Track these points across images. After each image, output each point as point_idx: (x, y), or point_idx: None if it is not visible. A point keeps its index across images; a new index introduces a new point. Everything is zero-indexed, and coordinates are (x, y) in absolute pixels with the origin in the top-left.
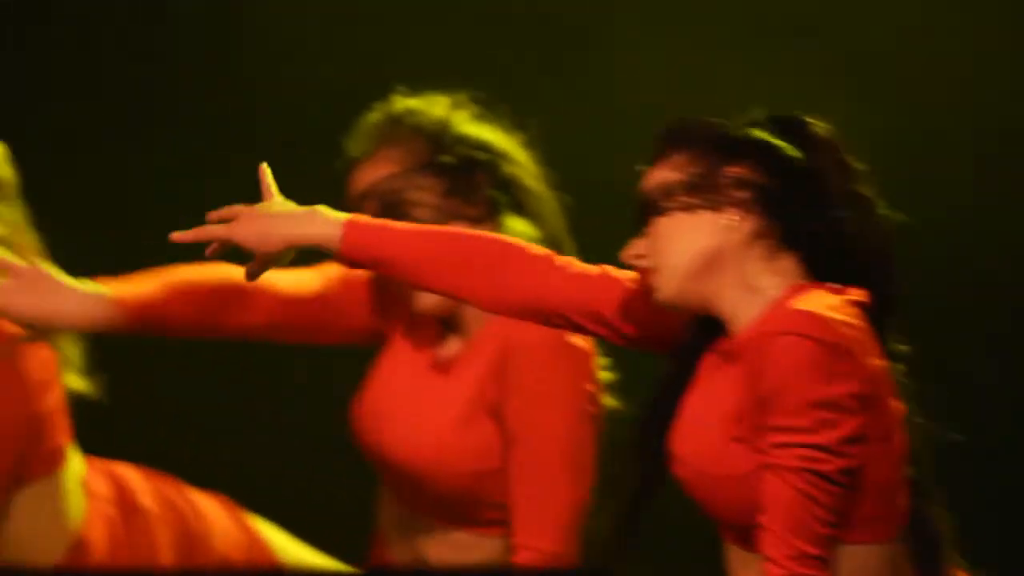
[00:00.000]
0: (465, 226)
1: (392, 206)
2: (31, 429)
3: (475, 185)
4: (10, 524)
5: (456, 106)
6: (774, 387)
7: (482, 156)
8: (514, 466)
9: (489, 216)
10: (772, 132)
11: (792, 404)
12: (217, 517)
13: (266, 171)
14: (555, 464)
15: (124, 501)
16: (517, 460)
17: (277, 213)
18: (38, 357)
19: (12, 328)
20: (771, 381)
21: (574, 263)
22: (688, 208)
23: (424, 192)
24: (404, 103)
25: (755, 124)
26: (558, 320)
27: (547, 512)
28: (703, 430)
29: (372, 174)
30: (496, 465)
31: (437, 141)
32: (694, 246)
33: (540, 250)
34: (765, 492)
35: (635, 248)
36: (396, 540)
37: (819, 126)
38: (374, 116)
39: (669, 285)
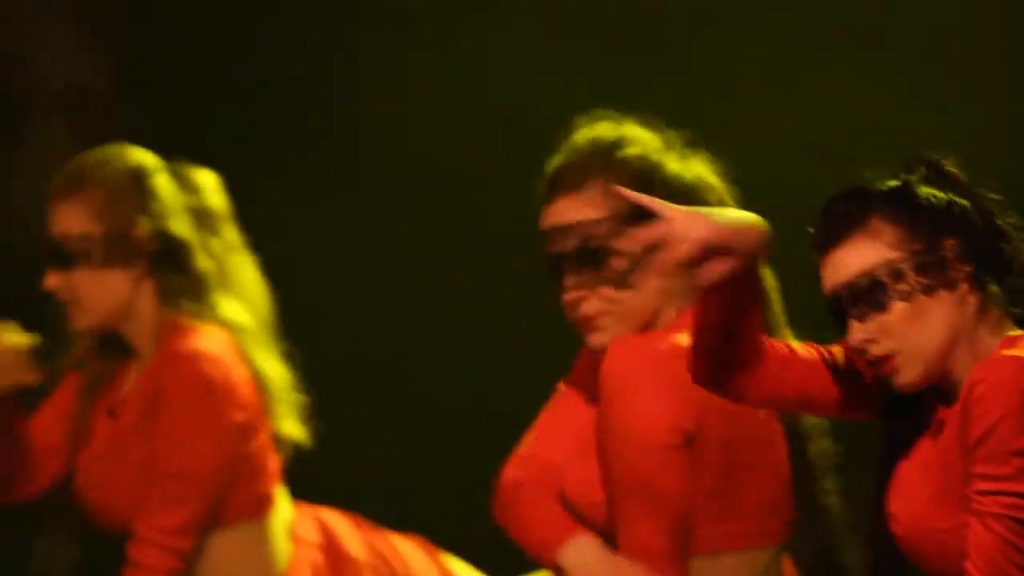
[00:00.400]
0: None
1: (592, 251)
2: (232, 472)
3: None
4: (212, 566)
5: (666, 144)
6: (980, 435)
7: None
8: None
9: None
10: (932, 183)
11: (997, 452)
12: (418, 561)
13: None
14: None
15: (331, 547)
16: None
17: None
18: (243, 401)
19: (210, 371)
20: (978, 429)
21: (793, 354)
22: (927, 291)
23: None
24: (613, 131)
25: (916, 178)
26: (794, 408)
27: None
28: (915, 487)
29: (577, 209)
30: None
31: (647, 182)
32: (940, 328)
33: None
34: (969, 538)
35: (863, 333)
36: None
37: (950, 163)
38: (581, 142)
39: (915, 369)
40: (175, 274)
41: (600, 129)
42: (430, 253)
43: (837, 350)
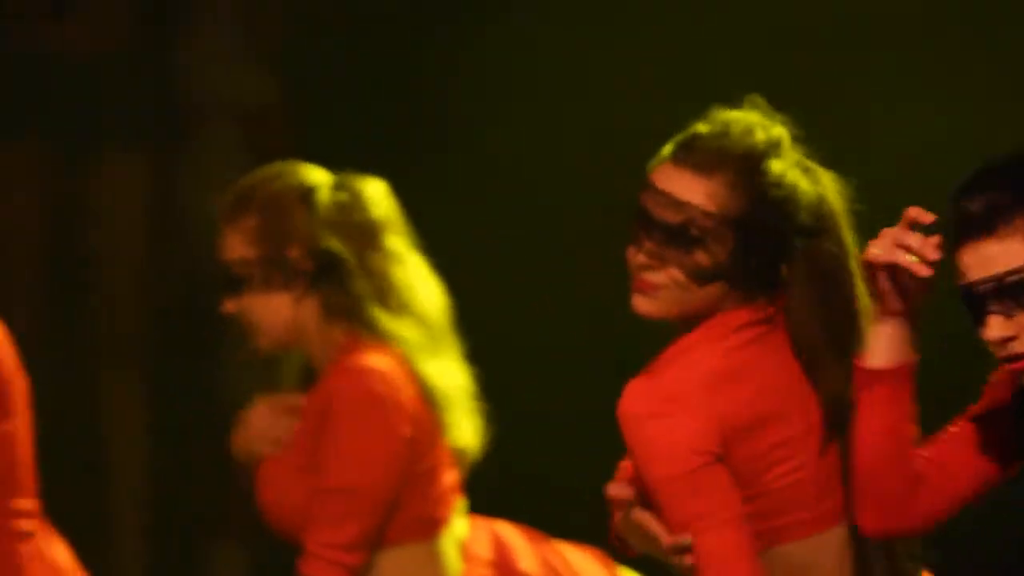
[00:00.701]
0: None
1: (687, 236)
2: (402, 488)
3: (769, 259)
4: None
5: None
6: None
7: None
8: None
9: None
10: None
11: None
12: (595, 574)
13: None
14: None
15: (504, 564)
16: None
17: None
18: (412, 417)
19: (378, 386)
20: None
21: (939, 450)
22: None
23: (721, 245)
24: (758, 130)
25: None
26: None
27: None
28: None
29: (695, 191)
30: None
31: (751, 192)
32: None
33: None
34: None
35: (1007, 330)
36: None
37: None
38: (726, 125)
39: None
40: (335, 291)
41: (744, 119)
42: (562, 257)
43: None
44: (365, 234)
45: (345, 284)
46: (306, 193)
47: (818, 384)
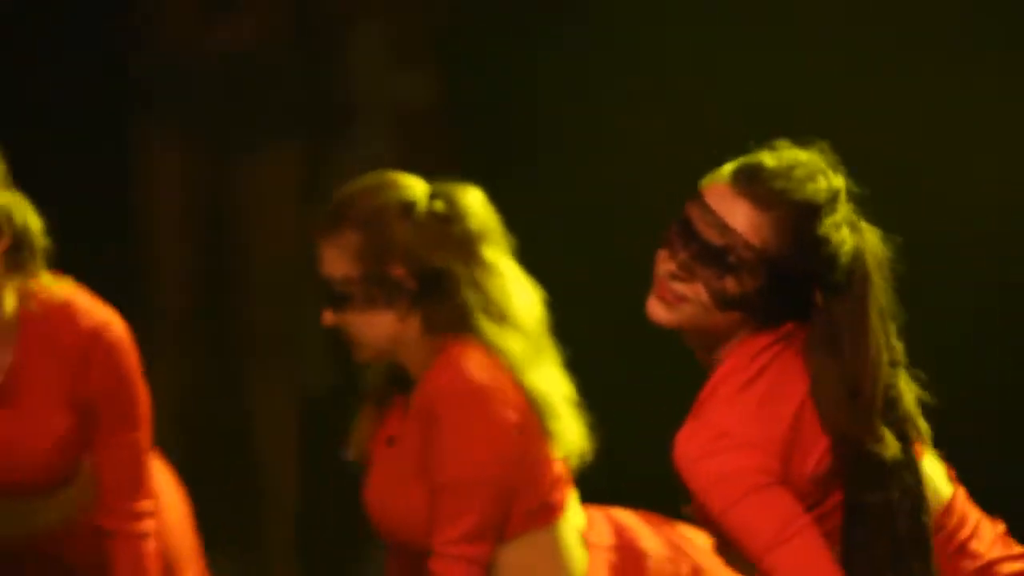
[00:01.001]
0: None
1: (726, 262)
2: (516, 474)
3: (792, 303)
4: None
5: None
6: None
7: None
8: None
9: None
10: None
11: None
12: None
13: None
14: None
15: (627, 547)
16: None
17: None
18: (516, 403)
19: (477, 376)
20: None
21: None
22: None
23: (753, 279)
24: (800, 162)
25: None
26: None
27: None
28: None
29: (744, 220)
30: None
31: (798, 239)
32: None
33: None
34: None
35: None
36: None
37: None
38: (792, 161)
39: None
40: (438, 307)
41: (811, 164)
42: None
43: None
44: (465, 246)
45: (448, 299)
46: (407, 207)
47: (826, 421)
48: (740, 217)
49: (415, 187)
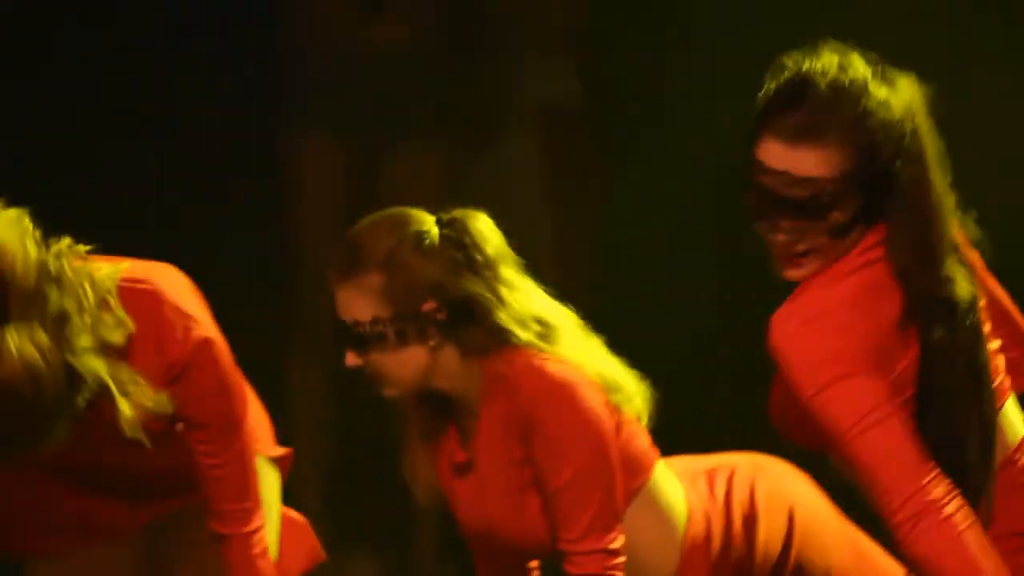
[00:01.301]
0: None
1: (821, 205)
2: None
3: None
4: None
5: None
6: None
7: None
8: None
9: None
10: None
11: None
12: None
13: None
14: None
15: (717, 496)
16: None
17: None
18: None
19: (554, 371)
20: None
21: None
22: None
23: (851, 199)
24: (853, 76)
25: None
26: None
27: None
28: None
29: (815, 164)
30: None
31: (883, 134)
32: None
33: None
34: None
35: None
36: None
37: None
38: (822, 86)
39: None
40: (472, 330)
41: (835, 71)
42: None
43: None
44: (485, 269)
45: (481, 321)
46: (421, 240)
47: (911, 286)
48: (807, 164)
49: (424, 219)
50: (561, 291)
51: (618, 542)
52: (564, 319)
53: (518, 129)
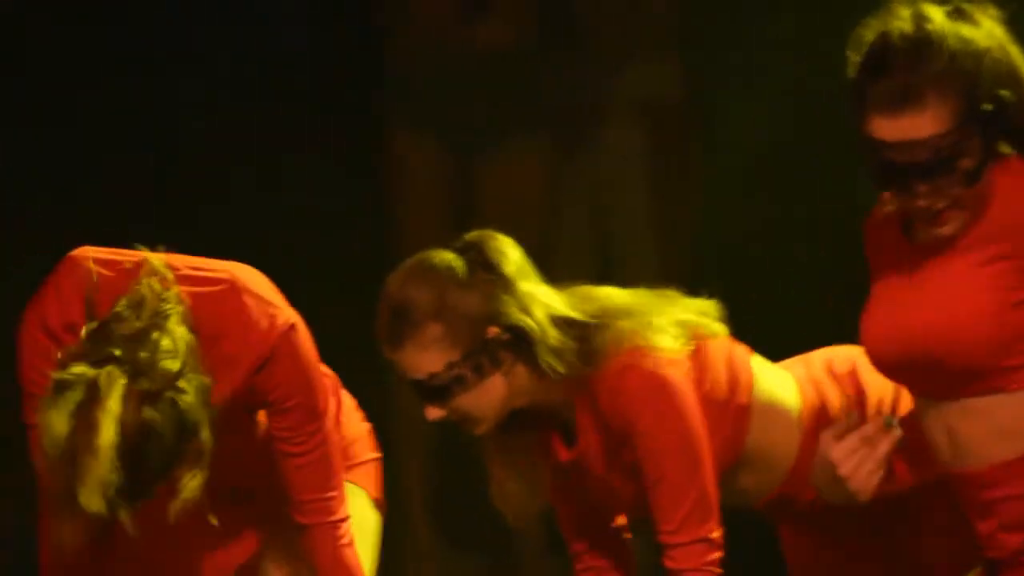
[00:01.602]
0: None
1: (945, 159)
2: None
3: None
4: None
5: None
6: None
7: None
8: None
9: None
10: None
11: None
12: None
13: None
14: None
15: (816, 368)
16: None
17: None
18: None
19: (644, 365)
20: None
21: None
22: None
23: (972, 141)
24: (932, 30)
25: None
26: None
27: None
28: None
29: (924, 127)
30: None
31: (972, 76)
32: None
33: None
34: None
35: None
36: None
37: None
38: (904, 48)
39: None
40: (534, 346)
41: (911, 27)
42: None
43: None
44: (521, 282)
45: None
46: (455, 275)
47: None
48: (917, 128)
49: (444, 256)
50: (665, 285)
51: (716, 532)
52: (616, 295)
53: (618, 127)
